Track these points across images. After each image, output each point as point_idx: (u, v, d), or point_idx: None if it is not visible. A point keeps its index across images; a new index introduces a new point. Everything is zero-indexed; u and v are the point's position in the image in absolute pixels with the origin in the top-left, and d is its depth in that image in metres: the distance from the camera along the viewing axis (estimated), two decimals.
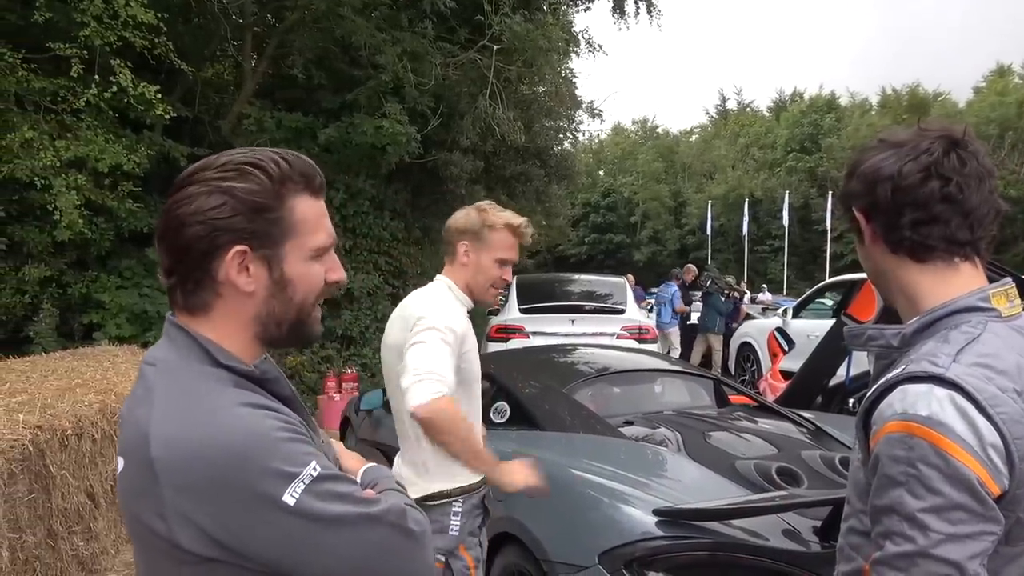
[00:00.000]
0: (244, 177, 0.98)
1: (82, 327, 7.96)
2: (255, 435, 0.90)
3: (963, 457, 0.96)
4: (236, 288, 0.99)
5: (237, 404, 0.93)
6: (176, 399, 0.94)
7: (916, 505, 0.98)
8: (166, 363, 0.99)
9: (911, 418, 0.99)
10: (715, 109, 55.03)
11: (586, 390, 3.77)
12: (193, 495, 0.88)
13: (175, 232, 0.98)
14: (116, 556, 4.03)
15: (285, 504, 0.88)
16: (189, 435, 0.90)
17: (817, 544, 2.30)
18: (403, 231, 11.86)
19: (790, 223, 32.04)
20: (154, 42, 7.15)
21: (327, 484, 0.92)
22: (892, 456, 1.01)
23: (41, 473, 3.46)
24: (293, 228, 1.01)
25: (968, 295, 1.10)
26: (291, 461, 0.91)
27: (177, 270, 1.00)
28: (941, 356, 1.03)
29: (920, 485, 0.97)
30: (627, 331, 8.15)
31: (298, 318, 1.04)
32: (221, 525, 0.89)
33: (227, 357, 0.99)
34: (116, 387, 4.35)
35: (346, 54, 9.97)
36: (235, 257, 0.97)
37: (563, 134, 17.64)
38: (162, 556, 0.93)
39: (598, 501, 2.60)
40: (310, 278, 1.04)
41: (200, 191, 0.97)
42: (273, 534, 0.90)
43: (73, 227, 6.74)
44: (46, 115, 7.16)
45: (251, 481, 0.88)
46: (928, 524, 0.97)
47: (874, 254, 1.18)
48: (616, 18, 12.99)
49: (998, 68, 39.22)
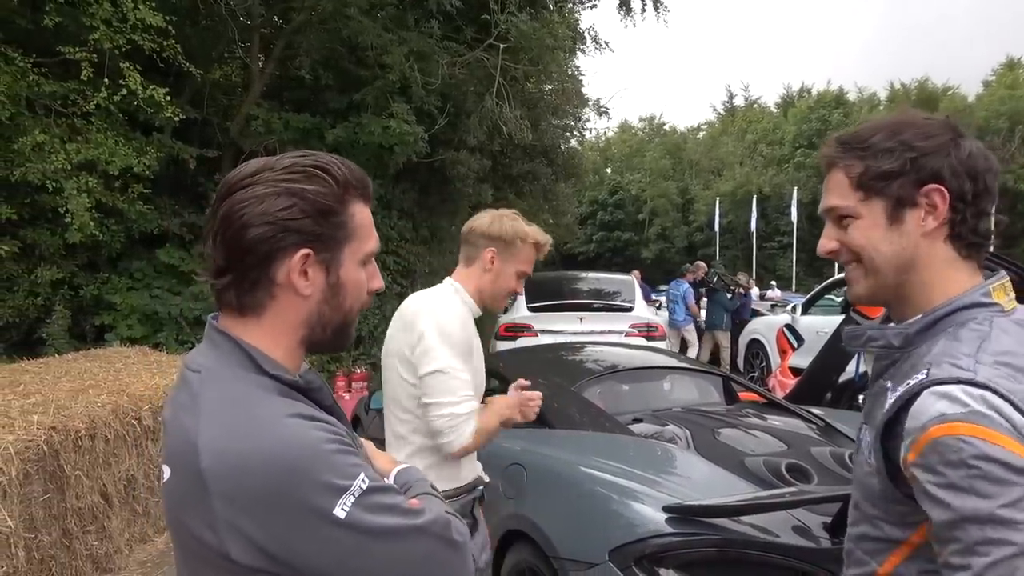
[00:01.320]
0: (312, 180, 0.98)
1: (94, 328, 8.03)
2: (305, 447, 0.90)
3: (1015, 447, 0.91)
4: (294, 290, 0.99)
5: (285, 415, 0.92)
6: (224, 409, 0.93)
7: (991, 505, 0.90)
8: (211, 371, 0.98)
9: (953, 418, 0.94)
10: (722, 105, 54.82)
11: (595, 388, 3.78)
12: (244, 507, 0.88)
13: (238, 232, 0.96)
14: (130, 555, 4.07)
15: (336, 517, 0.88)
16: (239, 447, 0.89)
17: (827, 540, 2.30)
18: (411, 230, 11.89)
19: (799, 219, 31.87)
20: (162, 45, 7.21)
21: (376, 496, 0.93)
22: (946, 462, 0.93)
23: (56, 473, 3.49)
24: (353, 233, 1.02)
25: (971, 291, 1.07)
26: (341, 474, 0.90)
27: (234, 269, 0.98)
28: (962, 358, 0.99)
29: (988, 482, 0.90)
30: (636, 329, 8.14)
31: (344, 322, 1.06)
32: (272, 537, 0.89)
33: (273, 366, 0.98)
34: (128, 388, 4.38)
35: (353, 54, 10.00)
36: (299, 260, 0.97)
37: (570, 132, 17.65)
38: (209, 566, 0.93)
39: (608, 498, 2.60)
40: (359, 284, 1.05)
41: (267, 192, 0.96)
42: (324, 547, 0.90)
43: (84, 229, 6.80)
44: (57, 118, 7.22)
45: (302, 494, 0.88)
46: (1015, 519, 0.89)
47: (916, 240, 1.08)
48: (623, 15, 12.99)
49: (1008, 61, 38.93)
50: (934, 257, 1.08)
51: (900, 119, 1.11)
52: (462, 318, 2.09)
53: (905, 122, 1.10)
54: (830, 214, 1.16)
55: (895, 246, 1.09)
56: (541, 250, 2.21)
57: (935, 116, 1.11)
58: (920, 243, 1.08)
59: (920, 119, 1.10)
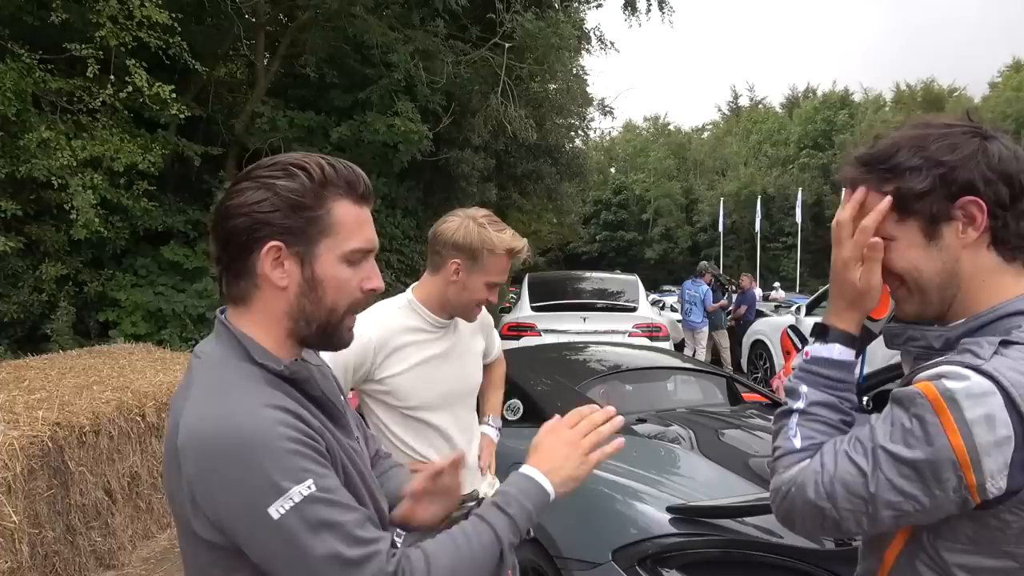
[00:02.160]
0: (289, 176, 1.03)
1: (98, 325, 8.05)
2: (259, 440, 0.92)
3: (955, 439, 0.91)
4: (270, 282, 1.03)
5: (262, 404, 0.95)
6: (207, 393, 0.98)
7: (881, 440, 0.96)
8: (209, 358, 1.04)
9: (935, 384, 0.94)
10: (727, 106, 54.86)
11: (599, 387, 3.77)
12: (200, 483, 0.93)
13: (222, 222, 1.04)
14: (133, 551, 4.08)
15: (269, 517, 0.90)
16: (205, 427, 0.94)
17: (831, 541, 2.30)
18: (415, 229, 11.89)
19: (803, 220, 31.85)
20: (168, 42, 7.22)
21: (318, 508, 0.92)
22: (895, 398, 0.99)
23: (60, 469, 3.50)
24: (329, 229, 1.04)
25: (1017, 298, 1.04)
26: (287, 475, 0.91)
27: (222, 259, 1.05)
28: (985, 346, 0.97)
29: (898, 430, 0.95)
30: (639, 329, 8.14)
31: (328, 320, 1.07)
32: (218, 516, 0.93)
33: (263, 355, 1.02)
34: (132, 384, 4.39)
35: (358, 53, 10.01)
36: (270, 252, 1.02)
37: (574, 132, 17.64)
38: (189, 538, 0.99)
39: (611, 498, 2.60)
40: (341, 281, 1.06)
41: (249, 186, 1.03)
42: (253, 539, 0.93)
43: (89, 226, 6.82)
44: (62, 115, 7.24)
45: (245, 484, 0.91)
46: (880, 463, 0.95)
47: (957, 253, 1.05)
48: (627, 15, 12.99)
49: (1014, 63, 38.85)
50: (979, 267, 1.06)
51: (921, 132, 1.07)
52: (391, 335, 1.90)
53: (927, 135, 1.06)
54: None
55: (937, 263, 1.06)
56: (517, 256, 1.95)
57: (956, 121, 1.07)
58: (962, 255, 1.05)
59: (941, 127, 1.06)
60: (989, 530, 0.97)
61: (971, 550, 1.00)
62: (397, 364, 1.91)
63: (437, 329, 1.99)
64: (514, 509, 1.08)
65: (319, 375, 1.14)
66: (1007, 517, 0.95)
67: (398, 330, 1.93)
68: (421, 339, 1.95)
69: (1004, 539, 0.97)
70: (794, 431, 1.10)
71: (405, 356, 1.92)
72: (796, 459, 1.07)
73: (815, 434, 1.08)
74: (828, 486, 1.00)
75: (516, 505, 1.09)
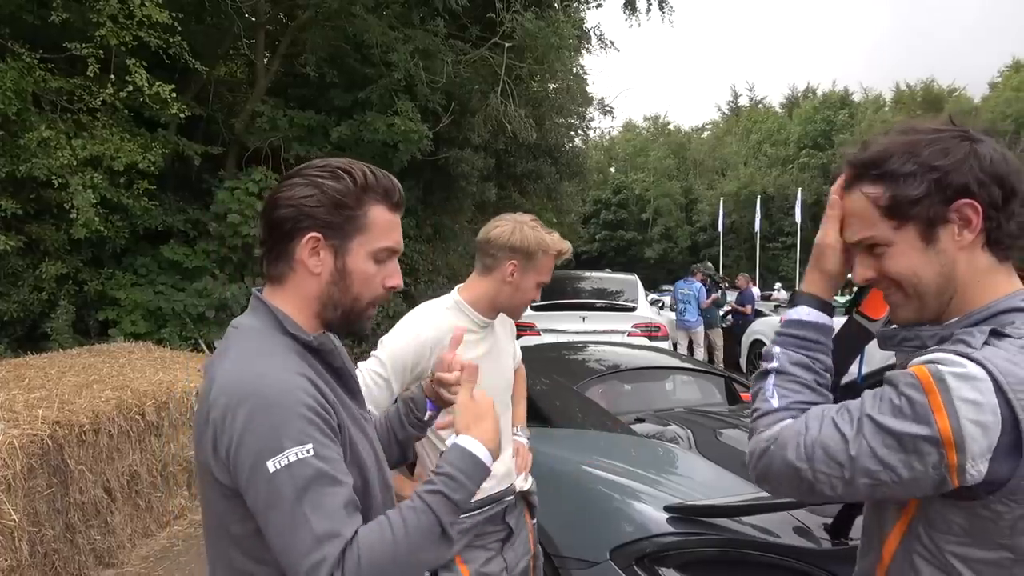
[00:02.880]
0: (336, 178, 1.16)
1: (98, 324, 8.05)
2: (277, 400, 1.04)
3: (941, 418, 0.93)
4: (306, 267, 1.16)
5: (289, 370, 1.08)
6: (241, 355, 1.11)
7: (869, 410, 0.99)
8: (245, 327, 1.17)
9: (927, 367, 0.97)
10: (727, 105, 54.85)
11: (597, 387, 3.79)
12: (223, 430, 1.04)
13: (271, 210, 1.17)
14: (132, 550, 4.08)
15: (265, 469, 1.01)
16: (236, 382, 1.06)
17: (828, 541, 2.30)
18: (414, 228, 11.90)
19: (803, 220, 31.82)
20: (168, 41, 7.23)
21: (308, 472, 1.01)
22: (888, 379, 1.01)
23: (59, 468, 3.51)
24: (364, 228, 1.18)
25: (1010, 295, 1.06)
26: (291, 436, 1.02)
27: (267, 242, 1.19)
28: (977, 336, 0.99)
29: (887, 403, 0.98)
30: (639, 328, 8.14)
31: (353, 307, 1.20)
32: (230, 462, 1.04)
33: (294, 327, 1.16)
34: (132, 383, 4.40)
35: (358, 52, 10.01)
36: (309, 241, 1.15)
37: (574, 131, 17.64)
38: (210, 486, 1.10)
39: (609, 497, 2.60)
40: (367, 275, 1.19)
41: (299, 182, 1.16)
42: (252, 487, 1.03)
43: (89, 225, 6.82)
44: (63, 114, 7.25)
45: (257, 435, 1.02)
46: (864, 430, 0.98)
47: (954, 256, 1.07)
48: (628, 15, 12.99)
49: (1014, 63, 38.84)
50: (975, 268, 1.07)
51: (911, 138, 1.08)
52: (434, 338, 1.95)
53: (918, 141, 1.07)
54: (858, 244, 1.14)
55: (935, 266, 1.08)
56: (562, 257, 2.11)
57: (942, 125, 1.09)
58: (959, 257, 1.07)
59: (930, 132, 1.08)
60: (982, 521, 0.99)
61: (966, 541, 1.01)
62: None
63: (481, 330, 2.08)
64: (443, 479, 1.13)
65: (343, 348, 1.27)
66: (998, 508, 0.96)
67: (449, 330, 1.94)
68: (469, 339, 2.02)
69: (997, 531, 0.98)
70: (771, 391, 1.13)
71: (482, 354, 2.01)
72: (775, 419, 1.10)
73: (790, 393, 1.12)
74: (809, 448, 1.02)
75: (445, 475, 1.14)
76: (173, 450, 4.46)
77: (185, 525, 4.52)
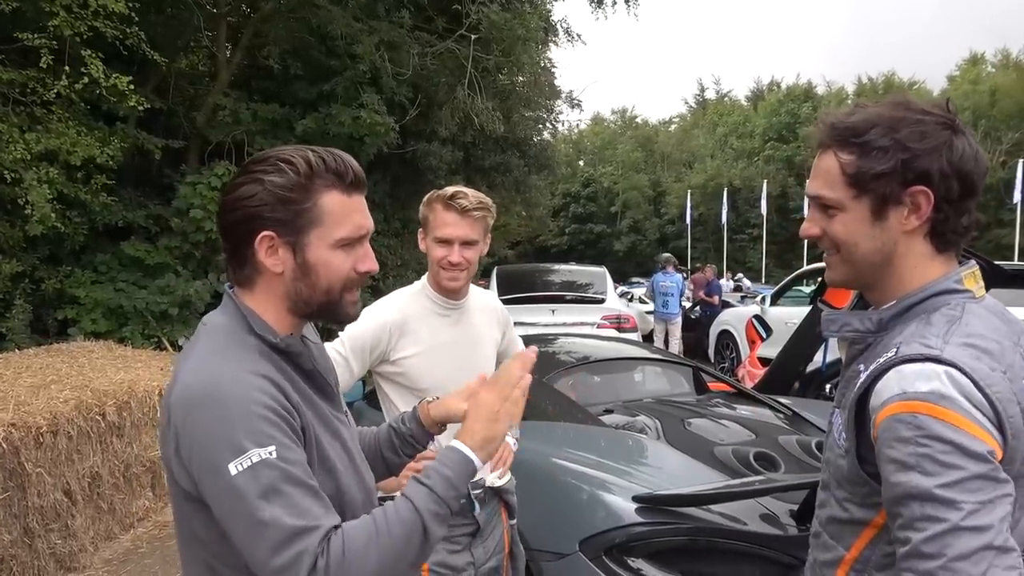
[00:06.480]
0: (278, 171, 1.09)
1: (57, 323, 7.84)
2: (234, 401, 1.00)
3: (972, 429, 0.94)
4: (267, 268, 1.11)
5: (247, 371, 1.04)
6: (205, 355, 1.08)
7: (931, 483, 0.92)
8: (213, 326, 1.13)
9: (912, 396, 0.97)
10: (694, 99, 55.39)
11: (566, 379, 3.79)
12: (183, 434, 1.01)
13: (222, 215, 1.12)
14: (95, 553, 3.99)
15: (228, 472, 0.97)
16: (193, 383, 1.03)
17: (794, 527, 2.33)
18: (382, 222, 11.79)
19: (768, 212, 32.27)
20: (126, 32, 7.04)
21: (271, 473, 0.98)
22: (898, 438, 0.97)
23: (16, 471, 3.41)
24: (318, 219, 1.10)
25: (943, 278, 1.10)
26: (251, 438, 0.99)
27: (226, 248, 1.14)
28: (931, 337, 1.02)
29: (932, 462, 0.93)
30: (608, 320, 8.18)
31: (327, 299, 1.14)
32: (192, 467, 1.01)
33: (261, 327, 1.11)
34: (92, 383, 4.29)
35: (322, 44, 9.86)
36: (263, 241, 1.09)
37: (542, 124, 17.63)
38: (175, 492, 1.08)
39: (578, 489, 2.61)
40: (333, 266, 1.13)
41: (243, 180, 1.11)
42: (214, 492, 1.00)
43: (46, 221, 6.64)
44: (15, 107, 7.02)
45: (216, 438, 0.99)
46: (952, 499, 0.91)
47: (896, 236, 1.10)
48: (594, 7, 12.99)
49: (971, 57, 39.79)
50: (912, 252, 1.11)
51: (899, 114, 1.09)
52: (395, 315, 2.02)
53: (902, 117, 1.08)
54: (816, 200, 1.16)
55: (876, 242, 1.11)
56: (452, 205, 1.97)
57: (933, 108, 1.10)
58: (900, 239, 1.10)
59: (919, 112, 1.08)
60: None
61: None
62: (411, 346, 2.03)
63: (448, 312, 2.09)
64: (432, 479, 1.10)
65: (316, 351, 1.23)
66: None
67: (413, 313, 2.06)
68: (435, 323, 2.07)
69: None
70: None
71: (418, 338, 2.03)
72: None
73: None
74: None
75: (435, 475, 1.10)
76: (136, 450, 4.37)
77: (149, 527, 4.43)
